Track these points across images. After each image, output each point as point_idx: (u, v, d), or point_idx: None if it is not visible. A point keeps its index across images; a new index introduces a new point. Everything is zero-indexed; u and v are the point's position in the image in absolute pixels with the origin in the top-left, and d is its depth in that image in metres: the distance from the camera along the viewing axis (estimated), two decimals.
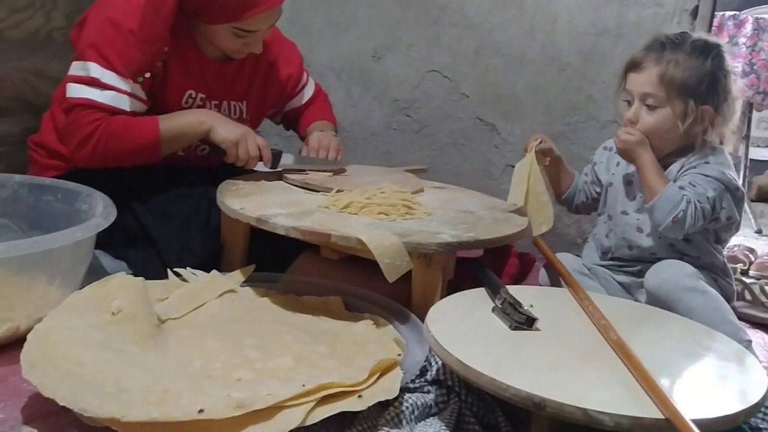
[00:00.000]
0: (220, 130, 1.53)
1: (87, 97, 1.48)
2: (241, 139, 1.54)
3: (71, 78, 1.50)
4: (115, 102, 1.49)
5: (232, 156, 1.55)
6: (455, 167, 2.28)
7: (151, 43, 1.49)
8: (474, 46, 2.20)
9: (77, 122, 1.48)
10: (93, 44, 1.48)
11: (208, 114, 1.58)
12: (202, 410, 0.89)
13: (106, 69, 1.48)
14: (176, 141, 1.55)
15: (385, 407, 1.02)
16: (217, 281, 1.40)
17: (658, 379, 0.94)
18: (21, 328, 1.22)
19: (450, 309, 1.17)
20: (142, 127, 1.51)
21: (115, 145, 1.48)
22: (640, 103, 1.48)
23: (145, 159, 1.54)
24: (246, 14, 1.49)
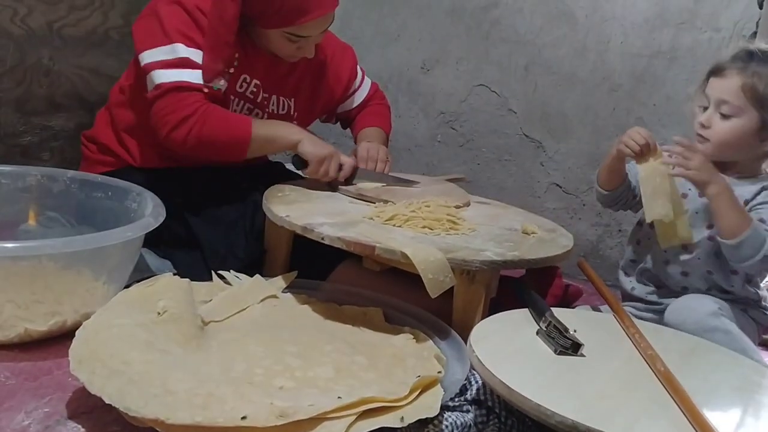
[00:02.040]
0: (310, 145, 1.56)
1: (181, 80, 1.48)
2: (326, 158, 1.57)
3: (156, 64, 1.49)
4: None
5: (312, 171, 1.58)
6: (498, 182, 2.27)
7: (220, 49, 1.51)
8: (524, 62, 2.19)
9: (175, 104, 1.48)
10: (174, 27, 1.49)
11: (299, 129, 1.61)
12: (245, 417, 0.90)
13: (192, 48, 1.49)
14: (266, 145, 1.57)
15: (425, 425, 1.02)
16: (259, 286, 1.40)
17: (706, 414, 0.92)
18: (68, 322, 1.24)
19: (494, 329, 1.16)
20: (238, 122, 1.53)
21: (210, 132, 1.49)
22: (715, 109, 1.44)
23: (233, 155, 1.55)
24: (300, 20, 1.51)
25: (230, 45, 1.52)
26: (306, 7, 1.50)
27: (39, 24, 1.87)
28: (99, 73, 2.02)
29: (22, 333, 1.21)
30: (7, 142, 1.88)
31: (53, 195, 1.56)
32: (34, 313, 1.22)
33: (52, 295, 1.24)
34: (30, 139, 1.93)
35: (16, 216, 1.54)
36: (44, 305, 1.23)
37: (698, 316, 1.35)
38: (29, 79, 1.89)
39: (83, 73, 2.01)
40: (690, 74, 1.95)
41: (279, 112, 1.71)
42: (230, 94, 1.60)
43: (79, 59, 1.99)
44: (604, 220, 2.13)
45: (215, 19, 1.50)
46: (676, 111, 1.98)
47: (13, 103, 1.87)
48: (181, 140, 1.49)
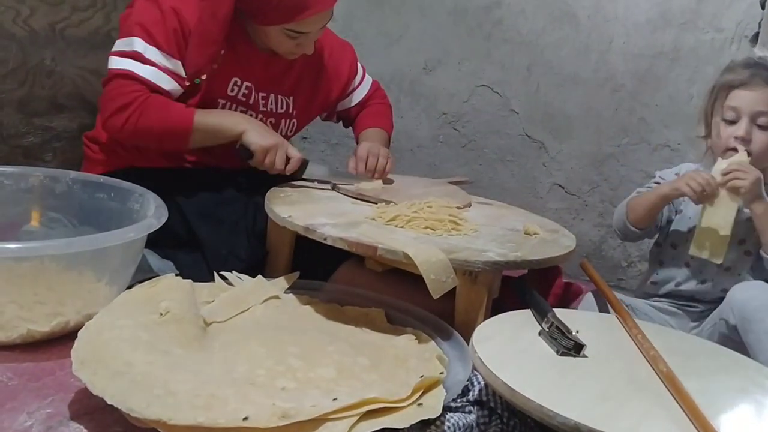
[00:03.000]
0: (254, 134, 1.54)
1: (128, 69, 1.49)
2: (271, 148, 1.55)
3: (115, 52, 1.52)
4: (154, 78, 1.50)
5: (258, 161, 1.56)
6: (501, 183, 2.27)
7: (208, 45, 1.51)
8: (526, 63, 2.19)
9: (116, 91, 1.50)
10: (139, 22, 1.51)
11: (245, 118, 1.59)
12: (247, 418, 0.90)
13: (149, 44, 1.50)
14: (208, 136, 1.55)
15: (427, 426, 1.01)
16: (262, 287, 1.40)
17: (709, 415, 0.91)
18: (70, 323, 1.24)
19: (496, 330, 1.16)
20: (179, 112, 1.53)
21: (149, 120, 1.49)
22: (750, 121, 1.45)
23: (174, 144, 1.55)
24: (299, 16, 1.51)
25: (218, 42, 1.53)
26: (305, 3, 1.50)
27: (41, 25, 1.87)
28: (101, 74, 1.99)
29: (25, 334, 1.21)
30: (9, 143, 1.88)
31: (55, 196, 1.56)
32: (36, 314, 1.21)
33: (54, 295, 1.24)
34: (32, 140, 1.93)
35: (18, 217, 1.54)
36: (47, 306, 1.23)
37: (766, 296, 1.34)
38: (31, 80, 1.89)
39: (85, 74, 2.01)
40: (692, 74, 1.95)
41: (277, 111, 1.71)
42: (219, 97, 1.60)
43: (81, 60, 1.99)
44: (607, 221, 2.12)
45: (207, 15, 1.50)
46: (678, 111, 1.98)
47: (16, 104, 1.87)
48: (119, 127, 1.50)
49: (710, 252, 1.46)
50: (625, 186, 2.07)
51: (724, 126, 1.49)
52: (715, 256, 1.46)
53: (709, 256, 1.47)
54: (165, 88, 1.52)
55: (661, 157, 2.03)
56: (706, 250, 1.47)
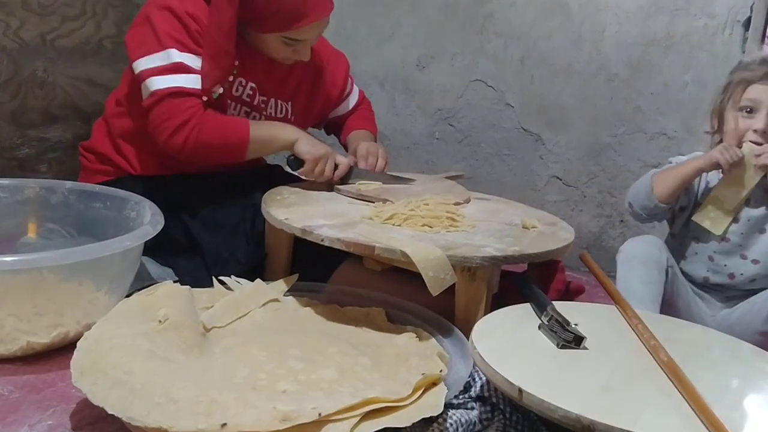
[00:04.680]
0: (306, 144, 1.56)
1: (177, 86, 1.48)
2: (322, 158, 1.57)
3: (151, 71, 1.49)
4: (200, 84, 1.50)
5: (308, 170, 1.58)
6: (498, 177, 2.27)
7: (221, 58, 1.51)
8: (519, 55, 2.18)
9: (171, 110, 1.48)
10: (165, 33, 1.49)
11: (295, 129, 1.61)
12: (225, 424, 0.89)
13: (185, 52, 1.49)
14: (264, 146, 1.57)
15: (429, 423, 1.01)
16: (261, 290, 1.40)
17: (710, 404, 0.91)
18: (70, 333, 1.24)
19: (495, 325, 1.15)
20: (235, 125, 1.54)
21: (208, 136, 1.49)
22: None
23: (232, 157, 1.56)
24: (296, 24, 1.51)
25: (230, 53, 1.52)
26: (302, 11, 1.50)
27: (32, 36, 1.87)
28: (94, 83, 2.02)
29: (25, 346, 1.21)
30: (4, 155, 1.88)
31: (52, 207, 1.56)
32: (36, 326, 1.22)
33: (53, 307, 1.24)
34: (27, 151, 1.93)
35: (15, 229, 1.55)
36: (46, 317, 1.23)
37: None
38: (24, 91, 1.89)
39: (78, 83, 2.01)
40: (686, 61, 1.95)
41: (277, 115, 1.71)
42: (227, 98, 1.60)
43: (73, 70, 1.99)
44: (606, 212, 2.12)
45: (214, 28, 1.49)
46: (673, 98, 1.98)
47: (9, 116, 1.87)
48: (180, 146, 1.49)
49: (712, 222, 1.51)
50: (623, 176, 2.07)
51: (741, 118, 1.51)
52: (716, 227, 1.51)
53: (709, 226, 1.52)
54: (214, 94, 1.52)
55: (658, 146, 2.02)
56: (708, 219, 1.52)
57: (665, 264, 1.49)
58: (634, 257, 1.49)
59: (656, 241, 1.54)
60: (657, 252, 1.50)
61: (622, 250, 1.53)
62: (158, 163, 1.62)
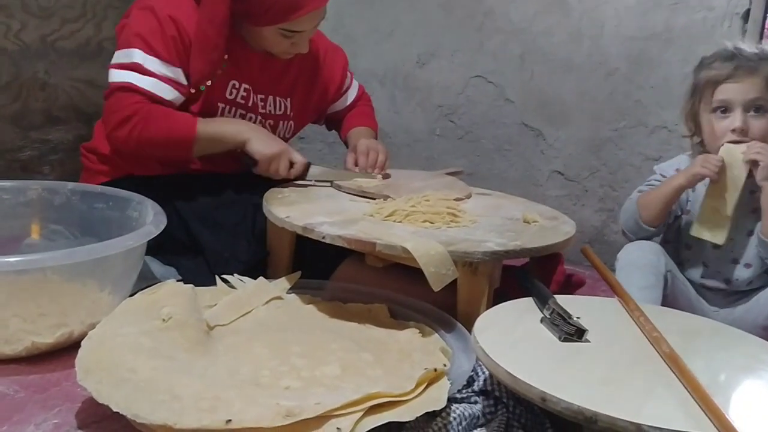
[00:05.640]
0: (257, 143, 1.56)
1: (128, 81, 1.50)
2: (275, 156, 1.57)
3: (114, 65, 1.53)
4: (154, 88, 1.51)
5: (262, 170, 1.58)
6: (499, 173, 2.27)
7: (209, 52, 1.52)
8: (519, 51, 2.18)
9: (118, 104, 1.51)
10: (137, 32, 1.51)
11: (248, 125, 1.60)
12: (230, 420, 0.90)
13: (149, 55, 1.51)
14: (212, 144, 1.56)
15: (433, 418, 1.02)
16: (263, 288, 1.41)
17: (712, 394, 0.91)
18: (74, 333, 1.25)
19: (497, 319, 1.16)
20: (182, 122, 1.54)
21: (152, 131, 1.50)
22: (743, 111, 1.45)
23: (178, 153, 1.56)
24: (293, 15, 1.51)
25: (219, 47, 1.53)
26: (299, 2, 1.51)
27: (32, 38, 1.88)
28: (95, 85, 2.02)
29: (30, 346, 1.21)
30: (6, 157, 1.89)
31: (55, 208, 1.56)
32: (40, 326, 1.22)
33: (57, 307, 1.24)
34: (29, 153, 1.94)
35: (19, 231, 1.55)
36: (50, 318, 1.23)
37: None
38: (25, 93, 1.90)
39: (79, 85, 2.02)
40: (686, 54, 1.94)
41: (276, 113, 1.71)
42: (218, 101, 1.61)
43: (74, 71, 2.00)
44: (608, 206, 2.12)
45: (205, 22, 1.50)
46: (673, 92, 1.97)
47: (11, 118, 1.88)
48: (123, 139, 1.51)
49: (711, 233, 1.48)
50: (624, 170, 2.07)
51: (716, 120, 1.49)
52: (717, 237, 1.47)
53: (710, 237, 1.48)
54: (166, 98, 1.52)
55: (658, 139, 2.02)
56: (707, 231, 1.48)
57: (663, 269, 1.47)
58: (631, 263, 1.48)
59: (653, 246, 1.52)
60: (654, 257, 1.48)
61: (619, 257, 1.52)
62: (159, 164, 1.63)
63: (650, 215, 1.52)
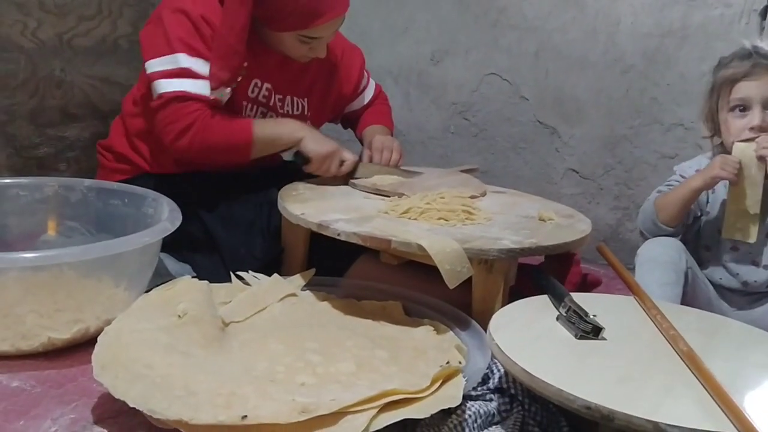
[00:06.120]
0: (312, 142, 1.57)
1: (182, 90, 1.49)
2: (328, 156, 1.58)
3: (160, 74, 1.51)
4: (207, 90, 1.51)
5: (314, 168, 1.59)
6: (514, 171, 2.26)
7: (230, 58, 1.51)
8: (534, 48, 2.17)
9: (175, 114, 1.50)
10: (176, 36, 1.50)
11: (300, 125, 1.61)
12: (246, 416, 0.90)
13: (194, 57, 1.50)
14: (269, 145, 1.58)
15: (448, 415, 1.01)
16: (278, 285, 1.41)
17: (731, 392, 0.91)
18: (90, 329, 1.26)
19: (513, 317, 1.15)
20: (238, 126, 1.54)
21: (212, 139, 1.51)
22: (762, 108, 1.45)
23: (238, 157, 1.57)
24: (312, 23, 1.52)
25: (240, 54, 1.52)
26: (319, 10, 1.51)
27: (49, 36, 1.89)
28: (111, 82, 2.03)
29: (46, 342, 1.22)
30: (23, 154, 1.90)
31: (71, 204, 1.58)
32: (56, 322, 1.23)
33: (74, 303, 1.25)
34: (46, 150, 1.95)
35: (35, 227, 1.56)
36: (66, 313, 1.24)
37: None
38: (42, 91, 1.91)
39: (95, 82, 2.03)
40: (702, 51, 1.93)
41: (294, 113, 1.71)
42: (242, 99, 1.61)
43: (90, 69, 2.01)
44: (623, 204, 2.11)
45: (226, 28, 1.49)
46: (690, 89, 1.96)
47: (28, 115, 1.89)
48: (185, 149, 1.51)
49: (742, 233, 1.48)
50: (640, 168, 2.06)
51: (733, 119, 1.48)
52: (748, 236, 1.48)
53: (742, 237, 1.48)
54: (220, 94, 1.53)
55: (674, 137, 2.01)
56: (738, 231, 1.49)
57: (684, 266, 1.46)
58: (651, 259, 1.47)
59: (674, 243, 1.51)
60: (675, 254, 1.47)
61: (640, 253, 1.51)
62: (175, 161, 1.63)
63: (668, 216, 1.52)
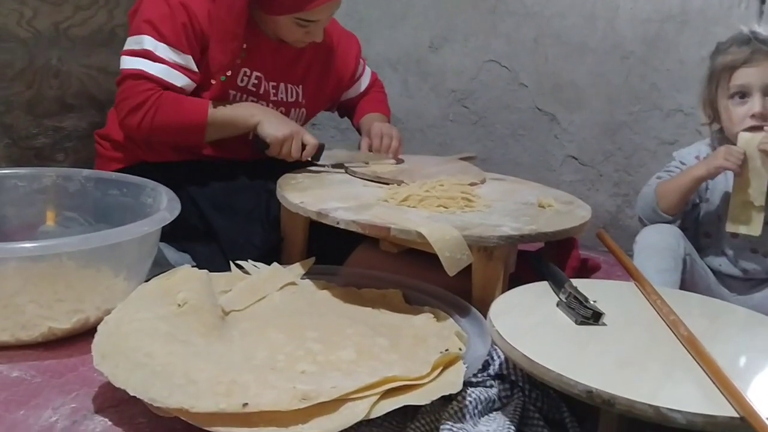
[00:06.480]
0: (268, 126, 1.55)
1: (139, 68, 1.50)
2: (287, 138, 1.56)
3: (125, 52, 1.53)
4: (165, 75, 1.51)
5: (274, 152, 1.57)
6: (513, 158, 2.25)
7: (229, 41, 1.51)
8: (533, 34, 2.16)
9: (129, 91, 1.51)
10: (147, 19, 1.51)
11: (259, 108, 1.60)
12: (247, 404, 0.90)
13: (159, 42, 1.51)
14: (223, 128, 1.57)
15: (448, 401, 1.02)
16: (278, 274, 1.41)
17: (731, 376, 0.91)
18: (90, 319, 1.25)
19: (513, 303, 1.15)
20: (193, 107, 1.54)
21: (164, 118, 1.51)
22: (762, 95, 1.44)
23: (190, 139, 1.57)
24: (309, 5, 1.51)
25: (239, 36, 1.52)
26: None
27: (45, 26, 1.88)
28: (108, 72, 2.02)
29: (46, 332, 1.22)
30: (20, 144, 1.89)
31: (69, 195, 1.57)
32: (56, 312, 1.23)
33: (73, 293, 1.25)
34: (43, 140, 1.95)
35: (34, 218, 1.56)
36: (66, 303, 1.24)
37: None
38: (39, 81, 1.90)
39: (92, 72, 2.02)
40: (702, 37, 1.92)
41: (288, 100, 1.71)
42: (229, 88, 1.60)
43: (87, 59, 2.00)
44: (623, 190, 2.10)
45: (224, 11, 1.49)
46: (690, 75, 1.95)
47: (25, 105, 1.88)
48: (135, 126, 1.51)
49: (747, 226, 1.46)
50: (640, 154, 2.05)
51: (734, 107, 1.47)
52: (753, 228, 1.46)
53: (747, 231, 1.46)
54: (177, 84, 1.52)
55: (674, 123, 2.00)
56: (742, 225, 1.47)
57: (682, 253, 1.46)
58: (650, 246, 1.47)
59: (672, 229, 1.50)
60: (673, 240, 1.47)
61: (638, 240, 1.51)
62: (173, 150, 1.63)
63: (668, 204, 1.51)
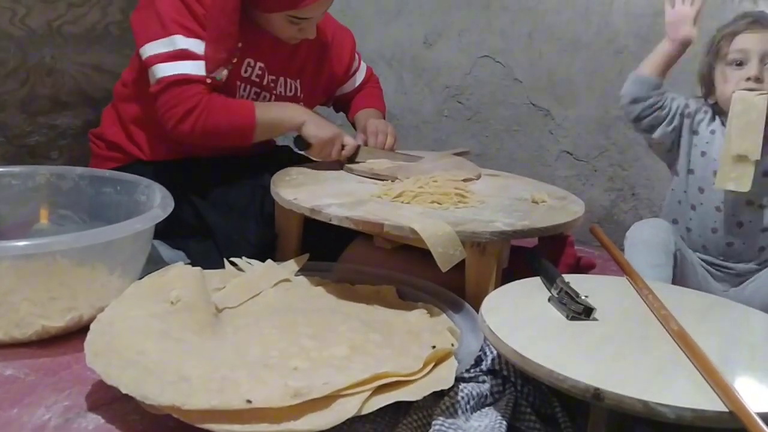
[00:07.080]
0: (314, 127, 1.57)
1: (180, 73, 1.49)
2: (329, 141, 1.58)
3: (157, 58, 1.50)
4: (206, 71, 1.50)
5: (315, 152, 1.59)
6: (508, 154, 2.26)
7: (224, 41, 1.51)
8: (527, 30, 2.16)
9: (177, 98, 1.49)
10: (170, 18, 1.49)
11: (302, 109, 1.61)
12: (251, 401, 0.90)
13: (190, 37, 1.50)
14: (271, 129, 1.58)
15: (440, 397, 1.02)
16: (272, 270, 1.41)
17: (721, 371, 0.91)
18: (84, 317, 1.26)
19: (505, 299, 1.15)
20: (241, 109, 1.54)
21: (214, 122, 1.50)
22: (760, 62, 1.43)
23: (240, 141, 1.57)
24: (301, 3, 1.51)
25: (233, 36, 1.52)
26: None
27: (39, 23, 1.88)
28: (101, 70, 2.03)
29: (40, 330, 1.22)
30: (14, 143, 1.90)
31: (63, 193, 1.57)
32: (50, 310, 1.23)
33: (67, 291, 1.25)
34: (37, 139, 1.95)
35: (28, 216, 1.56)
36: (60, 301, 1.24)
37: None
38: (33, 79, 1.90)
39: (86, 70, 2.02)
40: None
41: (287, 94, 1.71)
42: (236, 79, 1.60)
43: (80, 56, 2.00)
44: (617, 185, 2.11)
45: (217, 10, 1.49)
46: (684, 69, 1.95)
47: (18, 103, 1.88)
48: (188, 133, 1.50)
49: (735, 183, 1.43)
50: (634, 149, 2.05)
51: (731, 71, 1.47)
52: (742, 185, 1.43)
53: (735, 186, 1.44)
54: (217, 78, 1.52)
55: None
56: (730, 182, 1.44)
57: (673, 247, 1.46)
58: (641, 241, 1.47)
59: (663, 224, 1.51)
60: (664, 235, 1.46)
61: (629, 236, 1.51)
62: (168, 148, 1.63)
63: (651, 67, 1.54)
